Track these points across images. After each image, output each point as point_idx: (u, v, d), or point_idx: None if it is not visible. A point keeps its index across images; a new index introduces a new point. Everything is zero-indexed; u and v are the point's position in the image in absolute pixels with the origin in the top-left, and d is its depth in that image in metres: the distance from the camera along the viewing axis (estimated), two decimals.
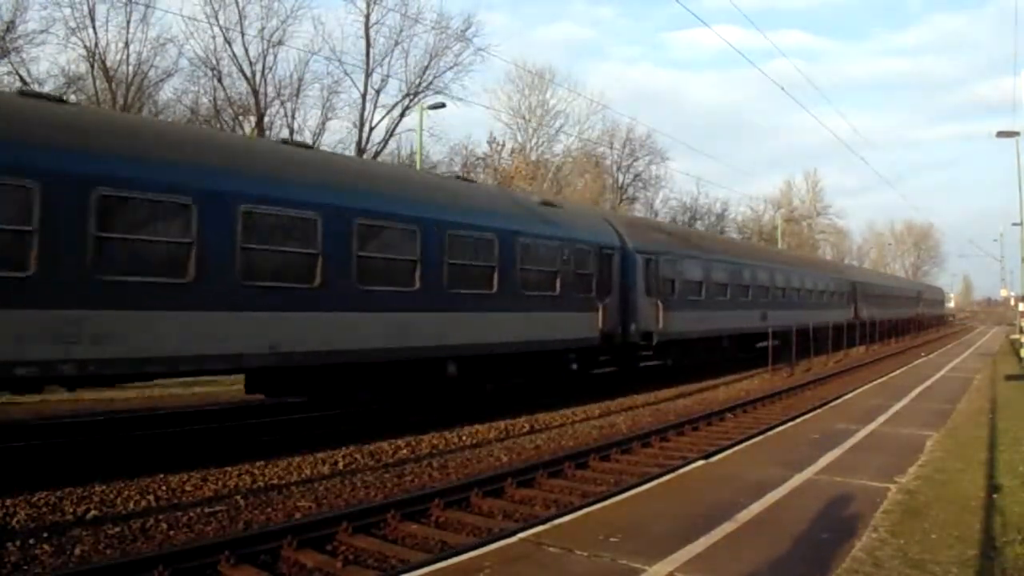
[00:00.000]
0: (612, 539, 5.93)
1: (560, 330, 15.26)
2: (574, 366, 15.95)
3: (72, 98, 30.76)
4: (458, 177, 17.08)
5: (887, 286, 51.55)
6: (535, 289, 14.58)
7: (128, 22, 32.59)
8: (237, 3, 35.07)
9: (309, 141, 36.75)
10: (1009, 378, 19.65)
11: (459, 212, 13.20)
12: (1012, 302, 55.46)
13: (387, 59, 39.81)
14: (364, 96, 39.00)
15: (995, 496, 7.32)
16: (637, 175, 61.99)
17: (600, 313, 16.29)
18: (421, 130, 28.73)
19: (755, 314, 25.59)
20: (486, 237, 13.47)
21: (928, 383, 19.06)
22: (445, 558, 5.77)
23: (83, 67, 32.43)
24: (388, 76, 40.29)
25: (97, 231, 8.27)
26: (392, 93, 49.65)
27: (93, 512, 7.69)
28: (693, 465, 9.18)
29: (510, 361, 14.27)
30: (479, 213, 13.74)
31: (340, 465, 10.17)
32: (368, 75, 38.76)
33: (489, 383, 14.09)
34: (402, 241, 11.95)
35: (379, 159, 37.45)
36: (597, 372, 17.08)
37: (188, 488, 8.73)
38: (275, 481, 9.25)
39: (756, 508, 6.90)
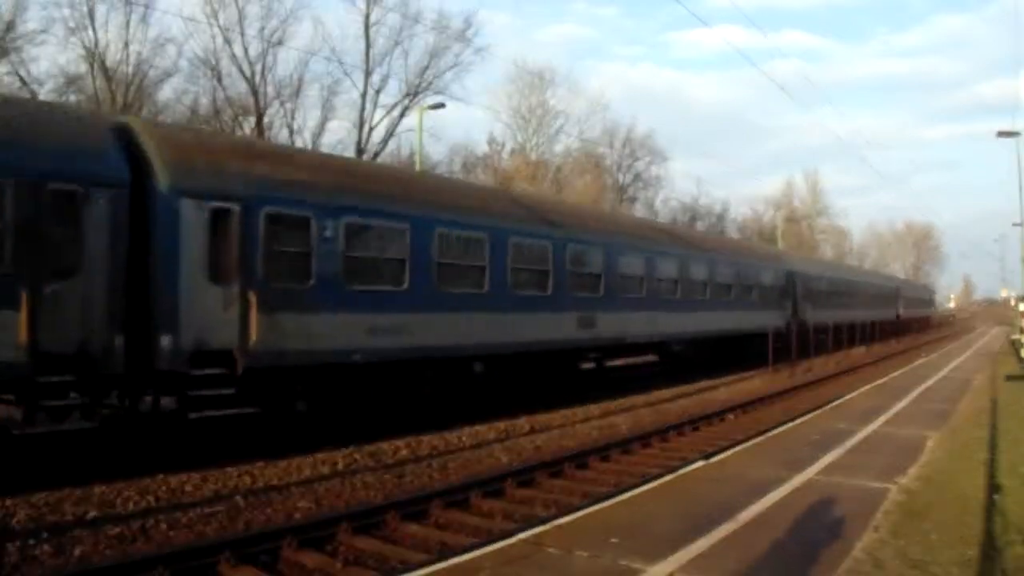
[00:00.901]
0: (612, 539, 5.92)
1: None
2: None
3: (72, 98, 30.85)
4: None
5: (846, 280, 40.00)
6: None
7: (128, 22, 32.71)
8: (237, 3, 35.21)
9: (309, 141, 36.87)
10: (1009, 378, 19.62)
11: None
12: (1012, 302, 55.46)
13: (387, 59, 39.97)
14: (364, 96, 39.12)
15: (995, 496, 7.31)
16: (637, 175, 62.14)
17: (23, 313, 8.09)
18: (421, 130, 28.76)
19: (564, 319, 15.75)
20: None
21: (928, 383, 19.06)
22: (445, 558, 5.78)
23: (83, 67, 32.53)
24: (388, 76, 40.38)
25: None
26: (392, 93, 49.61)
27: (93, 512, 7.69)
28: (693, 465, 9.18)
29: None
30: None
31: (340, 465, 10.16)
32: (368, 75, 38.89)
33: None
34: None
35: (379, 159, 37.48)
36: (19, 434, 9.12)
37: (188, 488, 8.72)
38: (275, 481, 9.24)
39: (756, 508, 6.90)
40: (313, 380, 11.08)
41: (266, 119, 36.27)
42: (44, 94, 29.59)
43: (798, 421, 12.88)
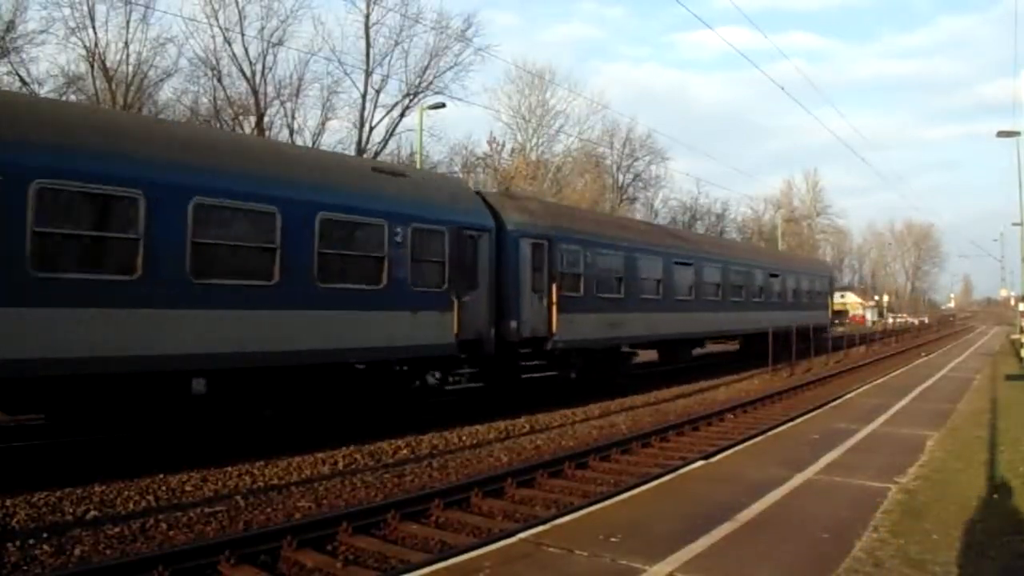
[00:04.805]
0: (612, 539, 5.92)
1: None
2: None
3: (72, 98, 30.84)
4: None
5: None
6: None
7: (128, 22, 32.70)
8: (237, 3, 35.22)
9: (309, 141, 36.89)
10: (1009, 378, 19.64)
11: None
12: (1012, 302, 55.45)
13: (387, 59, 39.97)
14: (364, 96, 39.14)
15: (995, 496, 7.31)
16: (637, 175, 62.22)
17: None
18: (421, 130, 28.75)
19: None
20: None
21: (928, 383, 19.05)
22: (445, 558, 5.77)
23: (83, 67, 32.53)
24: (388, 76, 40.41)
25: None
26: (392, 93, 49.74)
27: (93, 512, 7.69)
28: (693, 465, 9.17)
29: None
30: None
31: (340, 465, 10.17)
32: (368, 75, 38.88)
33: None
34: None
35: (379, 159, 37.50)
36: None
37: (188, 488, 8.73)
38: (275, 481, 9.24)
39: (756, 508, 6.90)
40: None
41: (266, 119, 36.29)
42: (44, 94, 29.58)
43: (798, 421, 12.87)
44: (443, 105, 30.06)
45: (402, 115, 39.82)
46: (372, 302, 11.57)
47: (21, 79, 29.61)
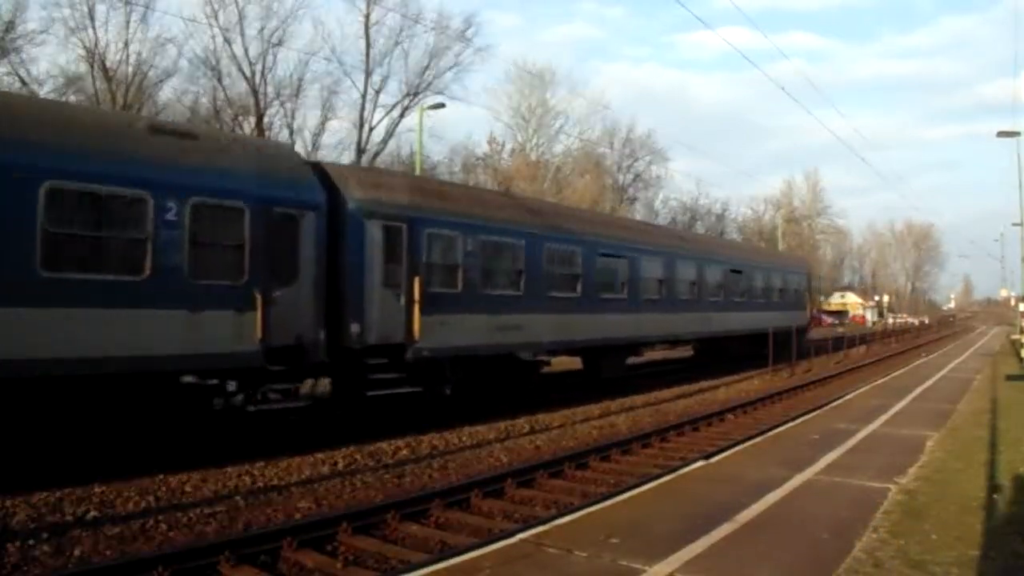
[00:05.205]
0: (612, 539, 5.92)
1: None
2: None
3: (72, 98, 30.87)
4: None
5: None
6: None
7: (128, 22, 32.74)
8: (237, 3, 35.27)
9: (309, 141, 36.90)
10: (1009, 378, 19.64)
11: None
12: (1012, 302, 55.44)
13: (387, 59, 40.06)
14: (364, 96, 39.23)
15: (995, 496, 7.31)
16: (637, 175, 62.25)
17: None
18: (421, 130, 28.76)
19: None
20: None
21: (928, 383, 19.05)
22: (445, 558, 5.77)
23: (83, 67, 32.56)
24: (388, 76, 40.47)
25: None
26: (392, 93, 49.77)
27: (93, 513, 7.69)
28: (693, 465, 9.17)
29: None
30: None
31: (340, 465, 10.17)
32: (368, 75, 39.00)
33: None
34: None
35: (379, 159, 37.54)
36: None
37: (188, 488, 8.72)
38: (275, 481, 9.24)
39: (756, 508, 6.89)
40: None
41: (266, 119, 36.34)
42: (44, 94, 29.60)
43: (798, 421, 12.87)
44: (443, 105, 30.12)
45: (402, 115, 39.97)
46: (128, 297, 8.88)
47: (21, 79, 29.65)
